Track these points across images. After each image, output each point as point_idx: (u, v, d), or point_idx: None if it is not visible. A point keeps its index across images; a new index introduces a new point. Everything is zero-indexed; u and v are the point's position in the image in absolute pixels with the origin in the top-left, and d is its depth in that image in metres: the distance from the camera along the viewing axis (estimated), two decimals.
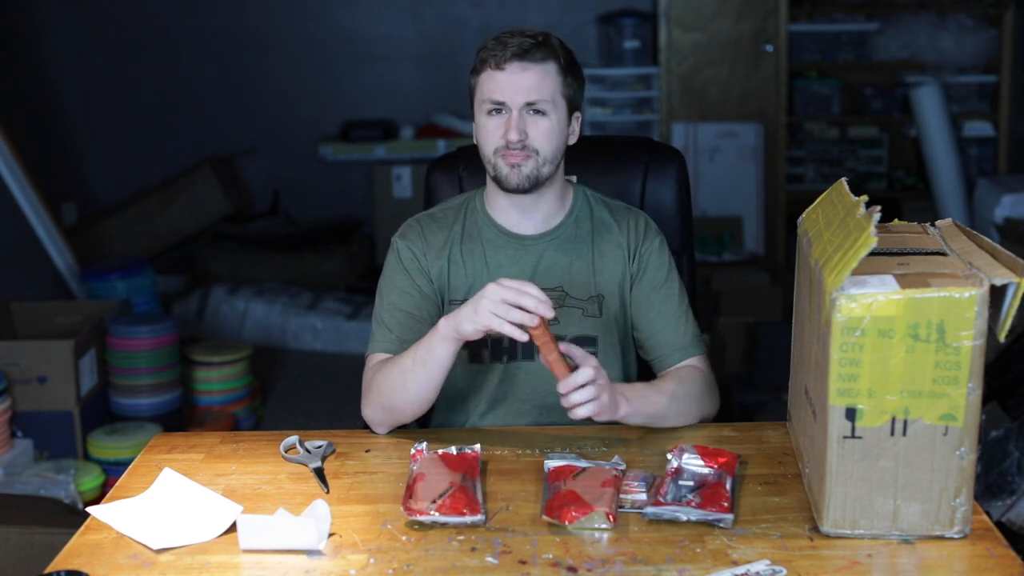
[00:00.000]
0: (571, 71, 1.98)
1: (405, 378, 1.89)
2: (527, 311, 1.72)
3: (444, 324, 1.83)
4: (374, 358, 2.00)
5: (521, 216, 2.04)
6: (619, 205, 2.11)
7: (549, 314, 1.72)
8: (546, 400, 2.04)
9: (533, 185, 1.96)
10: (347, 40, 5.96)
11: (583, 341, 2.02)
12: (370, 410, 1.96)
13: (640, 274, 2.04)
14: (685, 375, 2.00)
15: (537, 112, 1.93)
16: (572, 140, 2.01)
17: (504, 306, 1.73)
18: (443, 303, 2.04)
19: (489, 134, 1.95)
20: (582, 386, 1.77)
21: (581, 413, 1.78)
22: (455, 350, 1.85)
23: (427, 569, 1.51)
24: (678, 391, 1.95)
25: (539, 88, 1.92)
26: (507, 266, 2.03)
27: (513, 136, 1.92)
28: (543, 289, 2.00)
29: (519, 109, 1.92)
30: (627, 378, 2.08)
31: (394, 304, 2.02)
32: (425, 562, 1.53)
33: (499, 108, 1.94)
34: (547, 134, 1.94)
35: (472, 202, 2.09)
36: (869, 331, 1.46)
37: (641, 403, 1.88)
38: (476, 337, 1.80)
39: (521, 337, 1.74)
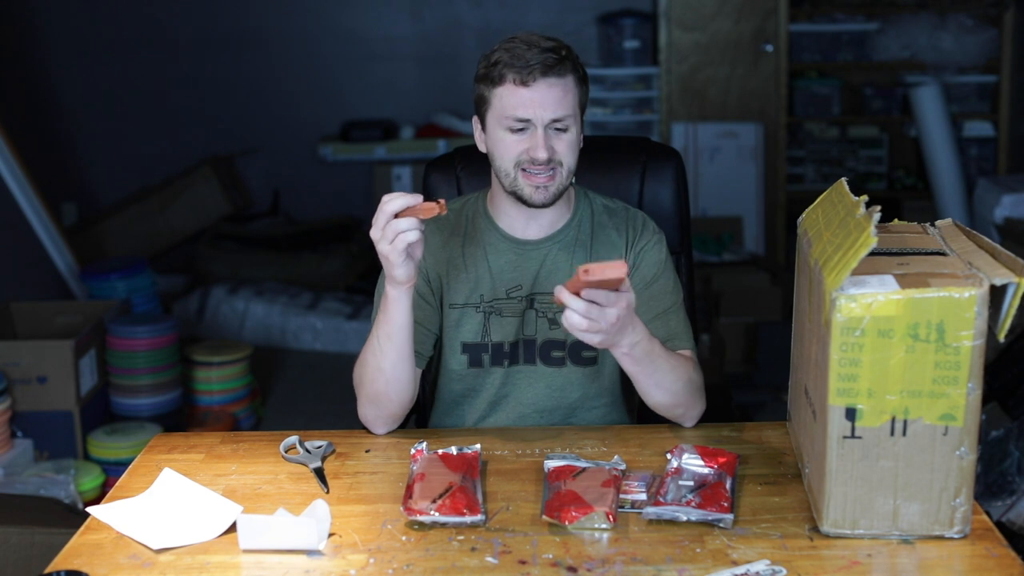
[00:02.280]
0: (584, 79, 1.97)
1: (377, 359, 1.89)
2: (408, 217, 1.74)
3: (388, 286, 1.83)
4: None
5: (527, 222, 2.03)
6: (619, 206, 2.10)
7: (417, 200, 1.74)
8: (546, 404, 2.04)
9: (556, 199, 1.96)
10: (347, 40, 5.96)
11: (583, 345, 2.01)
12: (362, 408, 1.96)
13: (633, 271, 2.03)
14: (684, 358, 1.97)
15: (559, 129, 1.92)
16: (582, 144, 2.01)
17: (381, 231, 1.74)
18: (441, 306, 2.04)
19: (509, 149, 1.93)
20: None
21: (570, 320, 1.68)
22: (407, 305, 1.84)
23: (427, 569, 1.51)
24: (677, 363, 1.91)
25: (564, 104, 1.91)
26: (509, 271, 2.02)
27: (542, 155, 1.90)
28: (545, 294, 2.01)
29: (544, 126, 1.90)
30: (622, 379, 2.07)
31: None
32: (425, 562, 1.53)
33: (522, 125, 1.91)
34: (570, 147, 1.93)
35: (474, 205, 2.08)
36: (869, 331, 1.46)
37: (651, 348, 1.83)
38: (408, 277, 1.80)
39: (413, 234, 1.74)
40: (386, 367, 1.89)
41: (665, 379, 1.88)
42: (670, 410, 1.94)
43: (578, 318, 1.68)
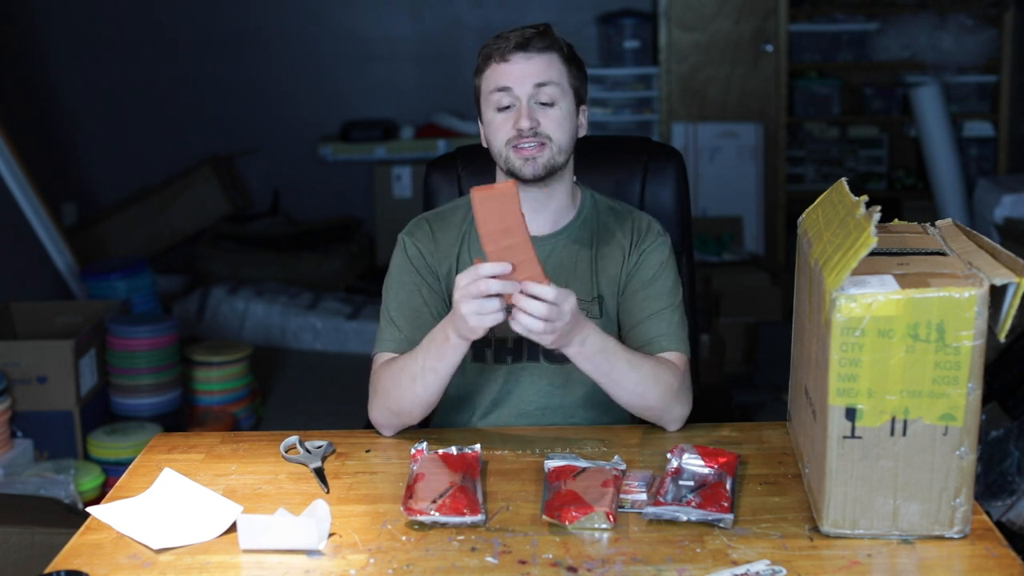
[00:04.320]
0: (573, 61, 1.99)
1: (415, 385, 1.88)
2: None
3: (453, 334, 1.81)
4: (382, 357, 1.99)
5: (531, 216, 2.02)
6: (624, 208, 2.10)
7: (508, 269, 1.70)
8: (549, 401, 2.04)
9: (548, 173, 1.95)
10: (347, 40, 5.96)
11: None
12: (377, 413, 1.95)
13: (634, 270, 2.03)
14: (659, 360, 1.95)
15: (546, 103, 1.93)
16: (581, 133, 2.01)
17: (479, 304, 1.72)
18: (451, 301, 2.04)
19: (499, 128, 1.95)
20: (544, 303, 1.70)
21: (524, 323, 1.71)
22: (464, 351, 1.85)
23: (427, 569, 1.51)
24: (640, 362, 1.89)
25: (545, 74, 1.93)
26: None
27: (525, 124, 1.91)
28: None
29: (528, 98, 1.92)
30: None
31: (403, 302, 2.01)
32: (425, 562, 1.53)
33: (507, 100, 1.93)
34: (558, 122, 1.94)
35: None
36: (869, 331, 1.46)
37: (604, 345, 1.84)
38: (481, 335, 1.79)
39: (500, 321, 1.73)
40: (421, 392, 1.89)
41: (626, 378, 1.87)
42: (642, 411, 1.93)
43: (534, 320, 1.71)
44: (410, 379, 1.89)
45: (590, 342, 1.82)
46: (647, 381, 1.89)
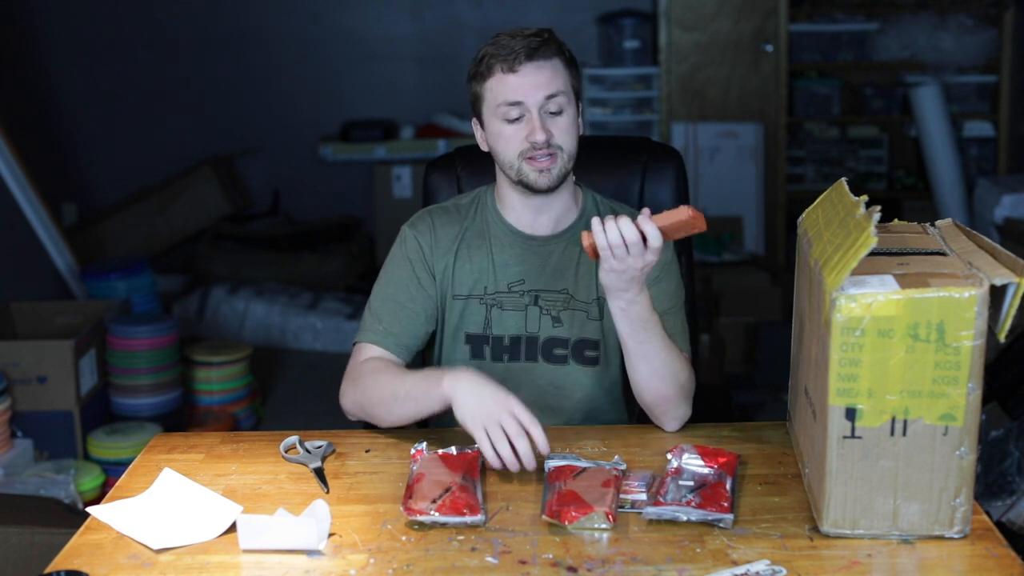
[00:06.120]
0: (573, 62, 1.99)
1: (393, 405, 1.90)
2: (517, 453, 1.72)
3: (449, 387, 1.80)
4: (361, 347, 2.01)
5: (535, 217, 2.03)
6: (625, 210, 2.10)
7: (545, 449, 1.72)
8: (547, 402, 2.04)
9: (560, 182, 1.97)
10: (347, 40, 5.96)
11: (586, 344, 2.01)
12: (348, 402, 1.98)
13: None
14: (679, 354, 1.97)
15: (554, 112, 1.93)
16: (582, 131, 2.02)
17: (500, 434, 1.73)
18: (446, 298, 2.04)
19: (509, 139, 1.94)
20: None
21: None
22: (441, 407, 1.85)
23: (427, 569, 1.51)
24: (670, 346, 1.91)
25: (554, 84, 1.93)
26: (512, 265, 2.02)
27: (540, 137, 1.91)
28: (550, 292, 2.00)
29: (538, 109, 1.92)
30: (623, 380, 2.06)
31: (389, 295, 2.02)
32: (425, 562, 1.53)
33: (517, 112, 1.92)
34: (567, 130, 1.95)
35: (483, 199, 2.08)
36: (869, 331, 1.46)
37: (649, 316, 1.85)
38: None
39: (494, 464, 1.73)
40: (396, 412, 1.91)
41: (657, 357, 1.87)
42: (654, 400, 1.91)
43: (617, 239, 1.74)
44: (392, 398, 1.90)
45: (637, 307, 1.83)
46: (671, 367, 1.89)
